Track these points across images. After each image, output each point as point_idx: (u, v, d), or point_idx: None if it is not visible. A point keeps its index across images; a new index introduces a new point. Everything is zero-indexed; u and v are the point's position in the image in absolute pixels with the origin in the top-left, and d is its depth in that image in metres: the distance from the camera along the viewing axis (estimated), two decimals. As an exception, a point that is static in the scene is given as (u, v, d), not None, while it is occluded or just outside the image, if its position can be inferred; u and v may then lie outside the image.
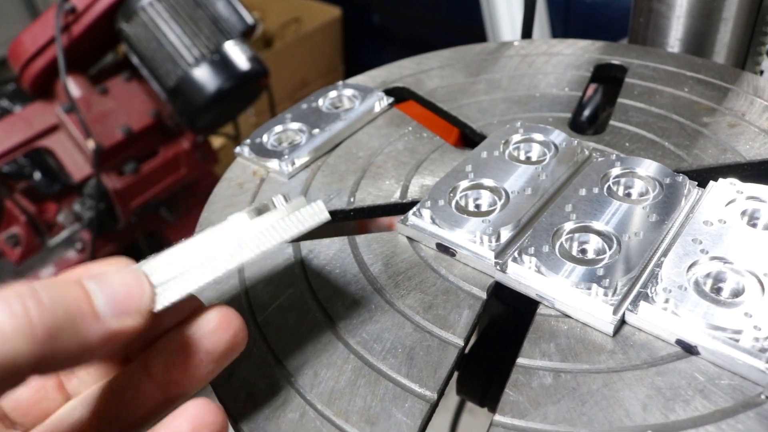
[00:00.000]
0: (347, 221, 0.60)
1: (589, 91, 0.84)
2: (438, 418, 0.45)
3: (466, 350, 0.65)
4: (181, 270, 0.37)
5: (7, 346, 0.29)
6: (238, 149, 0.67)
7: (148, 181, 1.83)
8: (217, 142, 2.31)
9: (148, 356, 0.39)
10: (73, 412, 0.40)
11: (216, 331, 0.38)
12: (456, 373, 0.65)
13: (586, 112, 0.86)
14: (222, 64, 1.68)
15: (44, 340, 0.30)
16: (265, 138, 0.67)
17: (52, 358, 0.30)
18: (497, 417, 0.41)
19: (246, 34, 1.74)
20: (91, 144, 1.68)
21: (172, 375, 0.38)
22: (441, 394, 0.43)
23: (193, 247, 0.38)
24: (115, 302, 0.34)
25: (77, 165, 1.75)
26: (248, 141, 0.67)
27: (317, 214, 0.42)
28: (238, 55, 1.70)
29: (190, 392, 0.39)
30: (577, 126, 0.78)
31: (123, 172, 1.80)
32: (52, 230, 1.84)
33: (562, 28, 1.87)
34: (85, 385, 0.41)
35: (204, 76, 1.66)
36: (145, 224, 1.97)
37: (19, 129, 1.71)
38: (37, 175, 1.80)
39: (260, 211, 0.40)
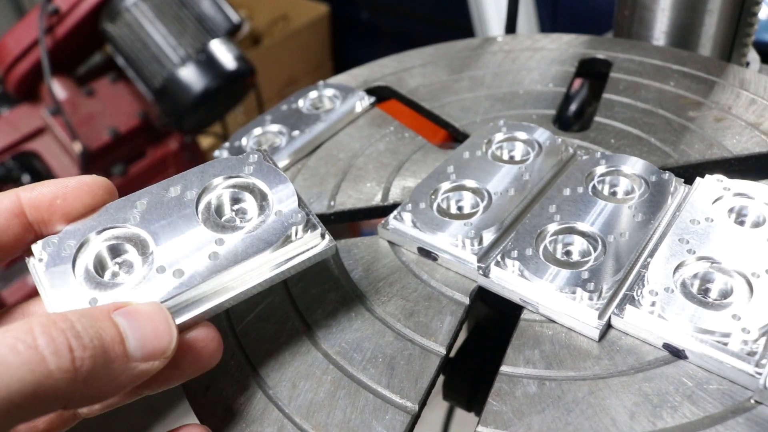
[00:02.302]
0: (328, 225, 0.58)
1: (575, 86, 0.83)
2: (431, 411, 0.44)
3: (452, 354, 0.64)
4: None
5: (49, 382, 0.30)
6: (216, 153, 0.65)
7: (137, 182, 1.82)
8: (205, 141, 2.29)
9: None
10: None
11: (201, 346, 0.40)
12: (442, 378, 0.64)
13: (572, 108, 0.84)
14: (208, 63, 1.66)
15: (83, 380, 0.31)
16: (244, 141, 0.66)
17: (83, 395, 0.32)
18: (480, 428, 0.40)
19: (232, 33, 1.72)
20: (77, 146, 1.66)
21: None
22: (423, 404, 0.42)
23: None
24: (144, 345, 0.35)
25: (64, 167, 1.73)
26: (227, 144, 0.66)
27: (329, 249, 0.44)
28: (224, 54, 1.68)
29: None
30: (563, 122, 0.77)
31: (111, 174, 1.78)
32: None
33: (549, 22, 1.86)
34: (91, 410, 0.42)
35: (190, 76, 1.64)
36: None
37: (5, 132, 1.69)
38: (26, 178, 1.78)
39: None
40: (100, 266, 0.41)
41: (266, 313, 0.49)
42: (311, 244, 0.43)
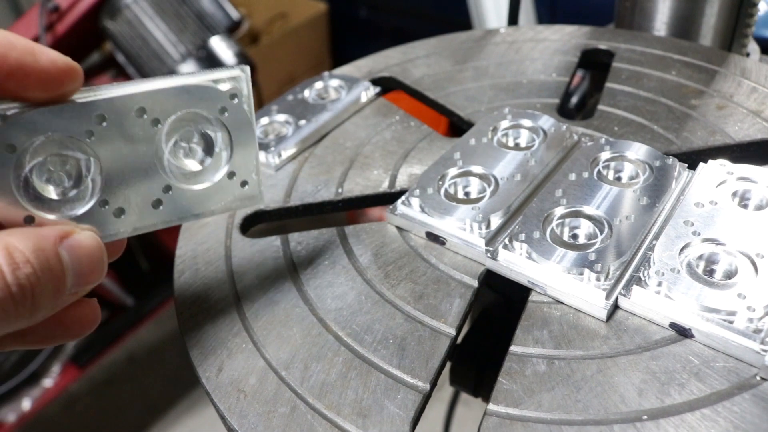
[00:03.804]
0: (336, 212, 0.59)
1: (576, 80, 0.84)
2: (432, 409, 0.45)
3: (459, 340, 0.65)
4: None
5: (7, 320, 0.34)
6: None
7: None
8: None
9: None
10: None
11: None
12: (449, 364, 0.65)
13: (574, 100, 0.85)
14: (208, 60, 1.67)
15: (33, 319, 0.35)
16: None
17: (9, 314, 0.34)
18: (491, 406, 0.40)
19: (232, 30, 1.72)
20: (77, 144, 1.66)
21: None
22: (434, 384, 0.43)
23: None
24: (78, 282, 0.37)
25: (65, 165, 1.73)
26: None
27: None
28: (224, 50, 1.68)
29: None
30: (565, 113, 0.77)
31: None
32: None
33: (548, 16, 1.86)
34: None
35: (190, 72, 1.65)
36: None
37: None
38: None
39: None
40: (40, 176, 0.38)
41: (277, 296, 0.49)
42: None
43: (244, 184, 0.46)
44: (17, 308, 0.34)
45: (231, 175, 0.45)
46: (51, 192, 0.39)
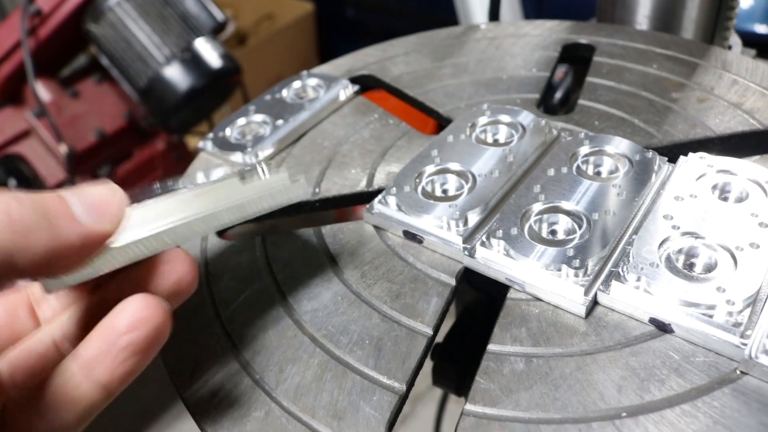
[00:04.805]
0: (313, 212, 0.58)
1: (560, 75, 0.83)
2: (425, 407, 0.44)
3: (441, 340, 0.64)
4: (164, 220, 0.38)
5: None
6: (201, 144, 0.65)
7: (124, 183, 1.80)
8: (193, 141, 2.28)
9: (105, 294, 0.39)
10: (43, 339, 0.40)
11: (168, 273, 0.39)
12: (431, 364, 0.64)
13: (558, 96, 0.85)
14: (193, 62, 1.66)
15: (24, 233, 0.31)
16: (228, 131, 0.65)
17: (28, 252, 0.32)
18: (468, 406, 0.40)
19: (217, 31, 1.71)
20: (63, 148, 1.65)
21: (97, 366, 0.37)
22: (410, 385, 0.42)
23: (180, 201, 0.40)
24: (91, 208, 0.35)
25: (51, 170, 1.72)
26: (211, 135, 0.65)
27: (301, 187, 0.44)
28: (209, 52, 1.67)
29: (123, 379, 0.37)
30: (549, 109, 0.77)
31: (98, 176, 1.77)
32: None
33: (534, 11, 1.86)
34: (55, 312, 0.41)
35: (175, 75, 1.64)
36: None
37: (-11, 136, 1.68)
38: (12, 182, 1.76)
39: (244, 176, 0.42)
40: None
41: (252, 298, 0.49)
42: (279, 181, 0.43)
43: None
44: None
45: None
46: None
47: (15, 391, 0.38)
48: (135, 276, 0.39)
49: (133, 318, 0.35)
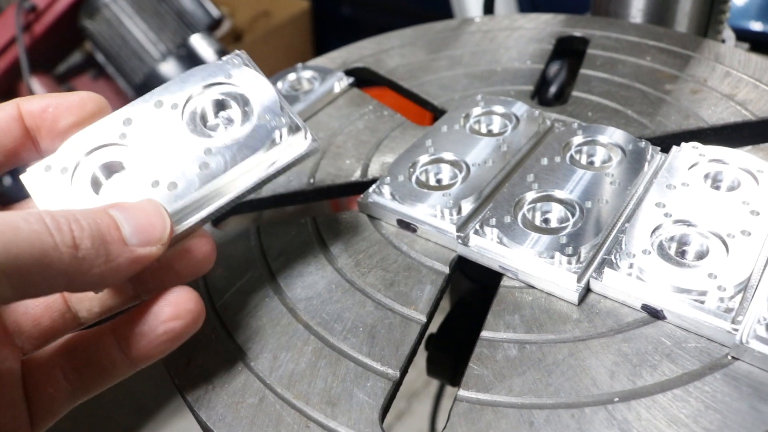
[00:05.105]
0: (308, 202, 0.58)
1: (555, 68, 0.84)
2: (421, 404, 0.44)
3: (435, 330, 0.64)
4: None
5: (55, 254, 0.32)
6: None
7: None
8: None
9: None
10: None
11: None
12: (426, 354, 0.64)
13: (552, 90, 0.85)
14: (189, 58, 1.66)
15: (83, 256, 0.34)
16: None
17: (85, 274, 0.34)
18: (461, 392, 0.40)
19: (212, 28, 1.71)
20: (58, 145, 1.65)
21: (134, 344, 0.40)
22: (404, 371, 0.42)
23: None
24: (138, 231, 0.37)
25: (45, 167, 1.71)
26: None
27: (313, 148, 0.45)
28: (205, 48, 1.67)
29: (153, 358, 0.40)
30: (543, 101, 0.77)
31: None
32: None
33: (528, 6, 1.86)
34: (91, 313, 0.43)
35: (171, 71, 1.64)
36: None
37: (-17, 133, 1.67)
38: (8, 180, 1.76)
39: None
40: (95, 185, 0.42)
41: (246, 287, 0.49)
42: (295, 145, 0.44)
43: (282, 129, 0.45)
44: (59, 251, 0.33)
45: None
46: (105, 191, 0.42)
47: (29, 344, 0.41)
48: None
49: (176, 309, 0.39)
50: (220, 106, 0.45)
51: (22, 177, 0.42)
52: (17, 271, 0.31)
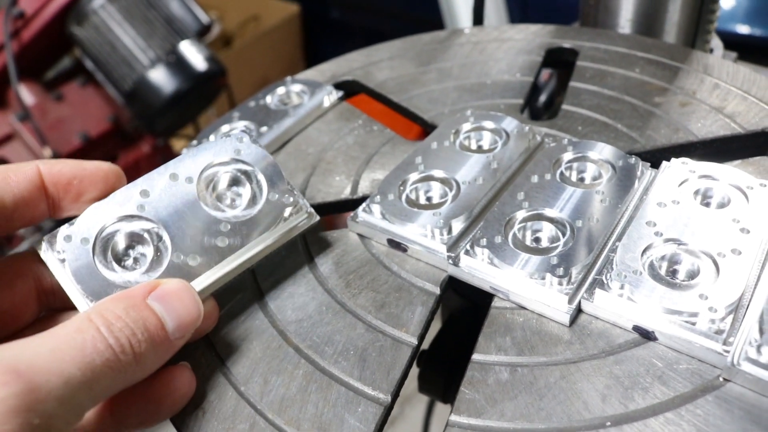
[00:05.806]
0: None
1: (545, 78, 0.83)
2: (414, 410, 0.44)
3: (427, 347, 0.64)
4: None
5: (119, 369, 0.36)
6: (185, 150, 0.65)
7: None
8: (178, 144, 2.27)
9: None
10: None
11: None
12: (417, 371, 0.64)
13: (542, 99, 0.85)
14: (178, 65, 1.65)
15: (140, 363, 0.37)
16: (212, 138, 0.65)
17: (137, 375, 0.38)
18: (453, 417, 0.40)
19: (202, 34, 1.71)
20: (47, 152, 1.64)
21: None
22: (395, 396, 0.42)
23: None
24: (179, 324, 0.40)
25: (34, 175, 1.70)
26: (195, 142, 0.65)
27: (314, 223, 0.50)
28: (194, 55, 1.67)
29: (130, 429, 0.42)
30: (533, 113, 0.77)
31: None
32: (12, 242, 1.79)
33: (519, 14, 1.86)
34: None
35: (160, 77, 1.63)
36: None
37: (-28, 140, 1.66)
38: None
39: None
40: (117, 257, 0.43)
41: (236, 309, 0.48)
42: (299, 221, 0.49)
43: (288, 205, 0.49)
44: (121, 363, 0.36)
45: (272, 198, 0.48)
46: (130, 263, 0.44)
47: None
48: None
49: (181, 393, 0.42)
50: (231, 182, 0.48)
51: (38, 247, 0.43)
52: (89, 389, 0.34)
